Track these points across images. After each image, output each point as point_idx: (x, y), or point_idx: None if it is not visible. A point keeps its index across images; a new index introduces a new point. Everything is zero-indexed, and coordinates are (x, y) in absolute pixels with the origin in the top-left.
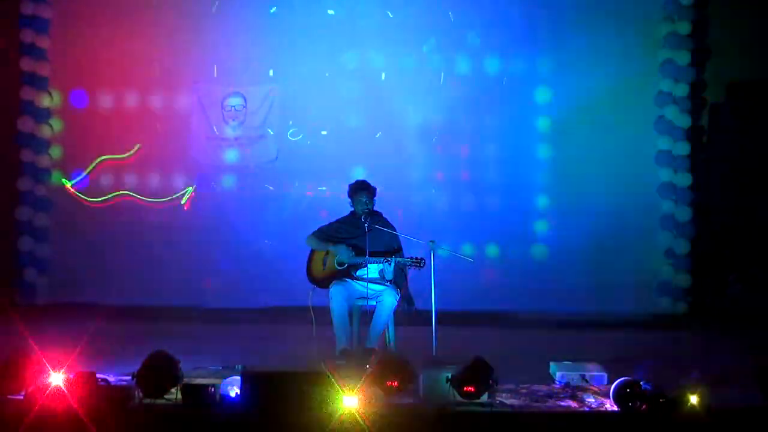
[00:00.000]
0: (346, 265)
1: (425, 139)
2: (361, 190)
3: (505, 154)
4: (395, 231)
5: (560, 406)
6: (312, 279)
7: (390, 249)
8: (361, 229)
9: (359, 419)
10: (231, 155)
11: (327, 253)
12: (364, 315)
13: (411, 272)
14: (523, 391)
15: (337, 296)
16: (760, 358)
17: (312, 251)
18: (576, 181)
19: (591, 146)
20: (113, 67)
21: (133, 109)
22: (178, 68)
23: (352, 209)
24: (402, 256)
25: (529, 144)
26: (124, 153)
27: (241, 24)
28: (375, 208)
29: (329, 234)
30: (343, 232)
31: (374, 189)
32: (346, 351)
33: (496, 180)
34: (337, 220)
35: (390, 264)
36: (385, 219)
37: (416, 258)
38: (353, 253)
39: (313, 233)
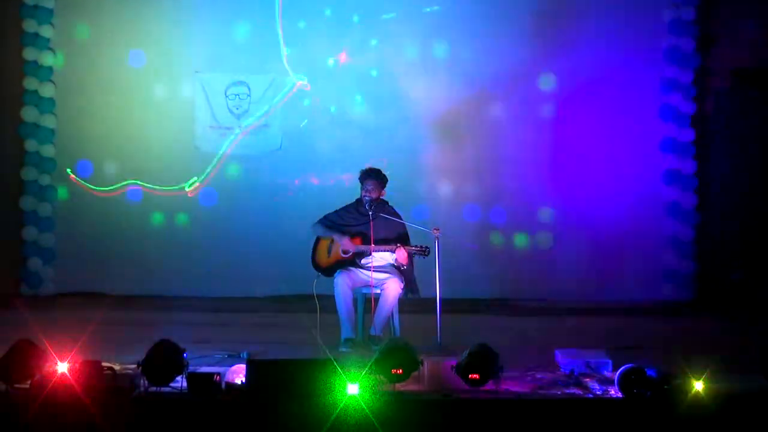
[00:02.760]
0: (351, 253)
1: (429, 128)
2: (368, 177)
3: (508, 141)
4: (401, 220)
5: (565, 393)
6: (317, 267)
7: (395, 237)
8: (366, 216)
9: (364, 407)
10: (235, 144)
11: (332, 241)
12: (369, 303)
13: (416, 260)
14: (528, 378)
15: (341, 284)
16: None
17: (317, 239)
18: (580, 169)
19: (595, 133)
20: (116, 56)
21: (136, 97)
22: (181, 57)
23: (359, 196)
24: (408, 244)
25: (533, 131)
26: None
27: (244, 12)
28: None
29: (334, 221)
30: (348, 219)
31: (383, 177)
32: (350, 339)
33: (500, 168)
34: (344, 207)
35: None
36: (391, 207)
37: (422, 247)
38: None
39: (319, 220)
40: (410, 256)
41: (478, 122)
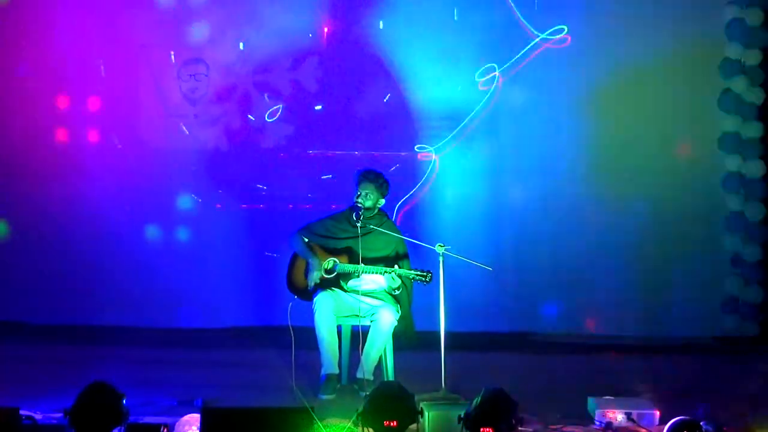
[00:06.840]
0: (335, 273)
1: (436, 120)
2: (364, 180)
3: (533, 138)
4: (399, 235)
5: None
6: (293, 288)
7: (392, 256)
8: (356, 229)
9: None
10: (191, 138)
11: (313, 255)
12: (356, 337)
13: (415, 286)
14: None
15: (323, 308)
16: None
17: (294, 254)
18: (619, 172)
19: (638, 128)
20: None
21: (75, 78)
22: (127, 32)
23: (352, 204)
24: (408, 265)
25: (565, 129)
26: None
27: None
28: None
29: (317, 233)
30: (335, 230)
31: (383, 183)
32: (333, 376)
33: (521, 170)
34: (332, 216)
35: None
36: (391, 221)
37: (422, 271)
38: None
39: (299, 231)
40: (406, 280)
41: (495, 119)
